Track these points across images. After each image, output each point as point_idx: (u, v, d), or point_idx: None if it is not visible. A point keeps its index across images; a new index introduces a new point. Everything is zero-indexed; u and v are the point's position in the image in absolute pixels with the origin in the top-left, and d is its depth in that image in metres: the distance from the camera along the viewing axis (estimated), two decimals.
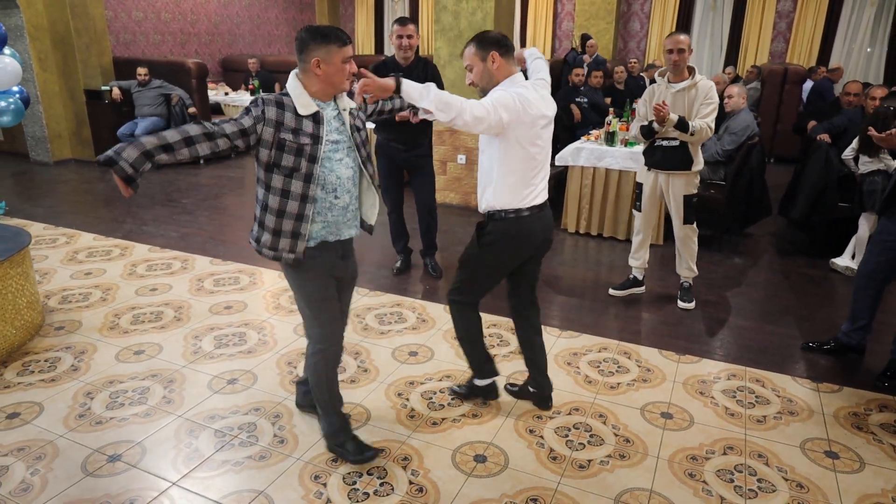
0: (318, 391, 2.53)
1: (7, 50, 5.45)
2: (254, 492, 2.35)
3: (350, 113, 2.30)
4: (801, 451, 2.65)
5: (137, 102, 7.83)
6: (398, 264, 4.59)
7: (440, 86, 4.19)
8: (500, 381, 3.03)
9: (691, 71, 3.75)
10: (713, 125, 3.68)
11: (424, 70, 4.15)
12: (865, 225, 4.59)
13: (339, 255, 2.40)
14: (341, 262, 2.42)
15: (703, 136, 3.68)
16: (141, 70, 7.70)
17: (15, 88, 5.59)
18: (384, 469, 2.49)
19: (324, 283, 2.36)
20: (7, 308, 3.30)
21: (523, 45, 12.28)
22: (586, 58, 8.89)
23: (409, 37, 4.02)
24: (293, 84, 2.20)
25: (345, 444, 2.54)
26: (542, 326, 3.02)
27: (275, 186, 2.19)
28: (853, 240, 4.74)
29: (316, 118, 2.19)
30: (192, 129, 2.09)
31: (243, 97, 9.01)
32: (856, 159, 4.68)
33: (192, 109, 7.97)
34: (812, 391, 3.12)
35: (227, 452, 2.57)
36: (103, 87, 7.81)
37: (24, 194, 6.64)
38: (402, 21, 4.04)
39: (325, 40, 2.13)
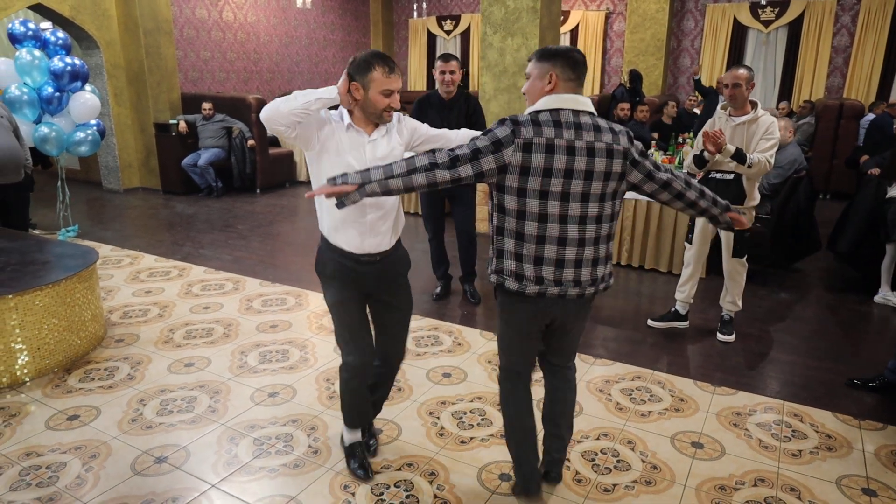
0: None
1: (88, 86, 5.96)
2: (286, 497, 2.47)
3: None
4: (836, 487, 2.59)
5: (201, 135, 8.34)
6: (438, 290, 4.71)
7: (482, 119, 4.35)
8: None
9: (754, 105, 3.71)
10: (773, 160, 3.62)
11: (466, 104, 4.31)
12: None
13: None
14: None
15: (761, 170, 3.62)
16: (206, 105, 8.22)
17: (93, 122, 6.08)
18: (411, 482, 2.57)
19: None
20: (73, 319, 3.57)
21: None
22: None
23: (452, 72, 4.19)
24: None
25: None
26: (577, 353, 3.03)
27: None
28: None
29: None
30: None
31: None
32: None
33: (251, 142, 8.41)
34: (853, 428, 3.03)
35: (264, 459, 2.71)
36: (171, 121, 8.36)
37: (96, 219, 7.13)
38: (445, 57, 4.22)
39: None
